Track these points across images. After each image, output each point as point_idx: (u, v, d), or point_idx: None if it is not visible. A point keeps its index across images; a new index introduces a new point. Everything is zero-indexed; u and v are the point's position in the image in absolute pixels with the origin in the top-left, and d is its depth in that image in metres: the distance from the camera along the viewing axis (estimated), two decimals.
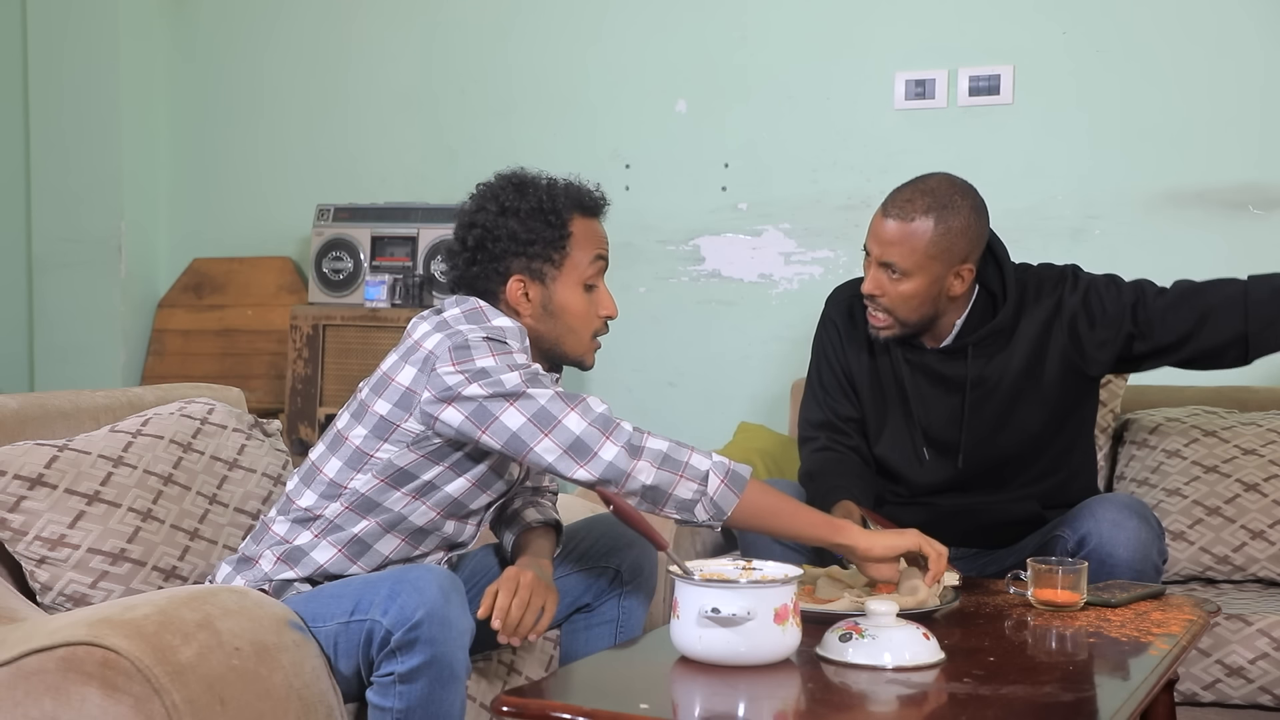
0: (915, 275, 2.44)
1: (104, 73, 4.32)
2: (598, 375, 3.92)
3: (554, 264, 2.12)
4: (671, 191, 3.85)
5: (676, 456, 1.97)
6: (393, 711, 1.88)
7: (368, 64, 4.22)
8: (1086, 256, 3.38)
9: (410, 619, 1.84)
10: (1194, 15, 3.35)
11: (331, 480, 2.09)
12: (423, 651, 1.85)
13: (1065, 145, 3.47)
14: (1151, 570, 2.35)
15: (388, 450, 2.05)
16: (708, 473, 1.97)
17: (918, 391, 2.56)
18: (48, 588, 2.07)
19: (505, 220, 2.12)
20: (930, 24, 3.59)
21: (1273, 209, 3.30)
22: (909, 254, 2.43)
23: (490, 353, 2.00)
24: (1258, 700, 2.55)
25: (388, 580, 1.91)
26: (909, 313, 2.48)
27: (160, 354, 4.32)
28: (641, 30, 3.88)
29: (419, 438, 2.04)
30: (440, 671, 1.86)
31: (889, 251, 2.43)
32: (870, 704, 1.71)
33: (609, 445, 1.95)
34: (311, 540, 2.09)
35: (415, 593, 1.85)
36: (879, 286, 2.46)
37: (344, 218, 4.01)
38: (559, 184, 2.17)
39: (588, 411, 1.97)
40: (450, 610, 1.87)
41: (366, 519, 2.08)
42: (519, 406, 1.96)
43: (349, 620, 1.91)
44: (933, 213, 2.42)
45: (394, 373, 2.06)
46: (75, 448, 2.17)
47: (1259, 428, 2.97)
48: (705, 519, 1.99)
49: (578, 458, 1.95)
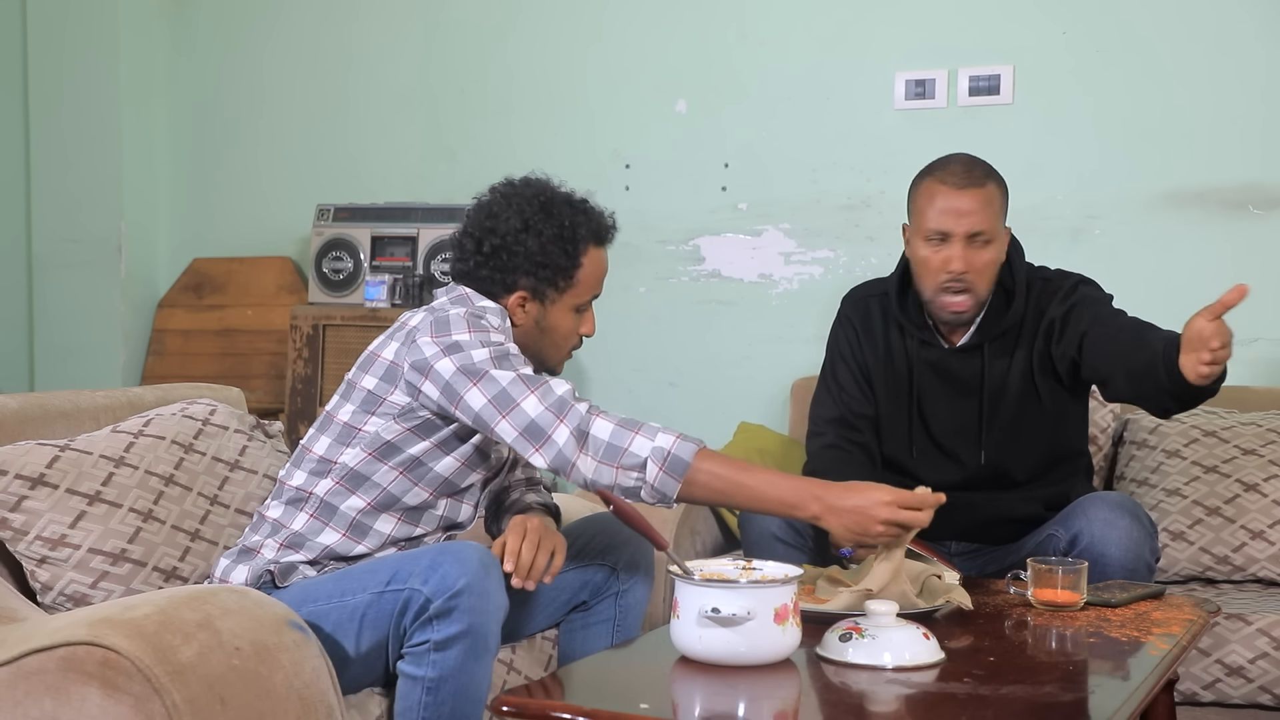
0: (996, 239, 2.48)
1: (104, 73, 4.32)
2: (598, 375, 3.93)
3: (558, 289, 2.19)
4: (671, 191, 3.85)
5: (617, 443, 1.98)
6: (425, 680, 1.90)
7: (368, 64, 4.22)
8: (1087, 256, 3.39)
9: (452, 587, 1.87)
10: (1194, 15, 3.35)
11: (321, 457, 2.14)
12: (460, 620, 1.88)
13: (1065, 145, 3.47)
14: (1144, 569, 2.35)
15: (375, 423, 2.10)
16: (645, 461, 1.97)
17: (932, 391, 2.57)
18: (48, 588, 2.07)
19: (525, 239, 2.16)
20: (930, 24, 3.59)
21: (1273, 209, 3.30)
22: (992, 217, 2.46)
23: (468, 328, 2.06)
24: (1258, 700, 2.55)
25: (429, 552, 1.95)
26: (989, 282, 2.50)
27: (160, 354, 4.32)
28: (641, 30, 3.88)
29: (405, 410, 2.09)
30: (475, 642, 1.89)
31: (975, 220, 2.45)
32: (870, 704, 1.71)
33: (561, 428, 1.98)
34: (309, 522, 2.12)
35: (458, 563, 1.89)
36: (969, 263, 2.46)
37: (344, 218, 4.01)
38: (580, 209, 2.21)
39: (547, 394, 2.01)
40: (489, 583, 1.91)
41: (356, 494, 2.11)
42: (481, 387, 2.01)
43: (384, 590, 1.94)
44: (991, 176, 2.50)
45: (380, 349, 2.13)
46: (77, 448, 2.17)
47: (1259, 428, 2.97)
48: (652, 503, 2.01)
49: (533, 441, 1.99)
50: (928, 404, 2.58)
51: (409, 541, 2.17)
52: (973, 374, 2.55)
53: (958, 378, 2.56)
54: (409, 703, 1.93)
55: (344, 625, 1.96)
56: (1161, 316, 3.33)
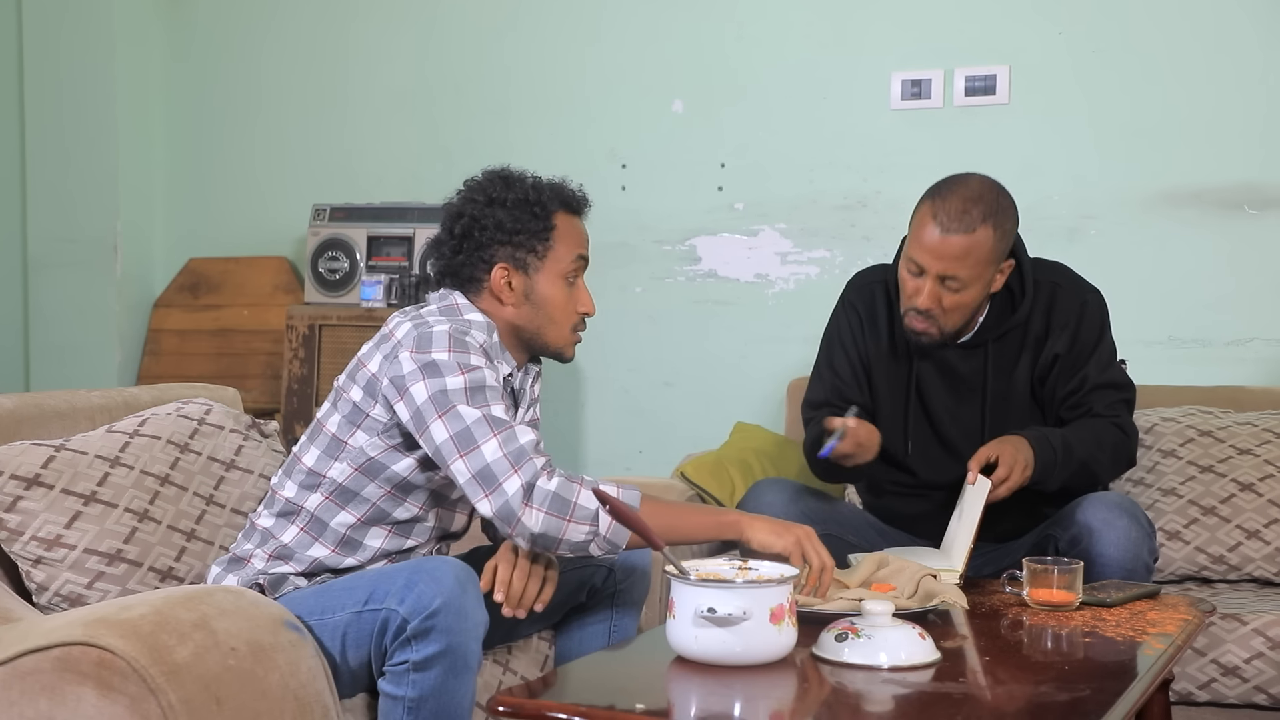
0: (974, 284, 2.41)
1: (100, 72, 4.32)
2: (594, 375, 3.93)
3: (538, 254, 2.15)
4: (668, 191, 3.85)
5: (565, 495, 1.94)
6: (405, 700, 1.89)
7: (364, 64, 4.21)
8: (1083, 256, 3.38)
9: (427, 608, 1.86)
10: (1191, 15, 3.35)
11: (310, 469, 2.12)
12: (438, 640, 1.86)
13: (1061, 145, 3.47)
14: (1142, 569, 2.35)
15: (360, 438, 2.08)
16: (597, 511, 1.95)
17: (933, 386, 2.56)
18: (44, 588, 2.07)
19: (493, 210, 2.15)
20: (926, 24, 3.59)
21: (1268, 209, 3.30)
22: (973, 265, 2.39)
23: (449, 347, 2.03)
24: (1253, 700, 2.55)
25: (404, 570, 1.93)
26: (959, 320, 2.46)
27: (156, 354, 4.32)
28: (638, 30, 3.88)
29: (387, 426, 2.07)
30: (454, 661, 1.88)
31: (952, 266, 2.39)
32: (866, 704, 1.71)
33: (514, 479, 1.94)
34: (299, 535, 2.11)
35: (433, 582, 1.87)
36: (936, 301, 2.42)
37: (340, 218, 4.01)
38: (544, 180, 2.21)
39: (509, 441, 1.96)
40: (466, 601, 1.88)
41: (346, 510, 2.10)
42: (447, 420, 1.97)
43: (362, 609, 1.92)
44: (990, 219, 2.39)
45: (367, 358, 2.11)
46: (72, 448, 2.17)
47: (1254, 427, 2.97)
48: (601, 554, 1.99)
49: (484, 486, 1.95)
50: (928, 399, 2.57)
51: (400, 554, 2.15)
52: (975, 371, 2.54)
53: (958, 374, 2.55)
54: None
55: (329, 642, 1.95)
56: (1157, 316, 3.36)
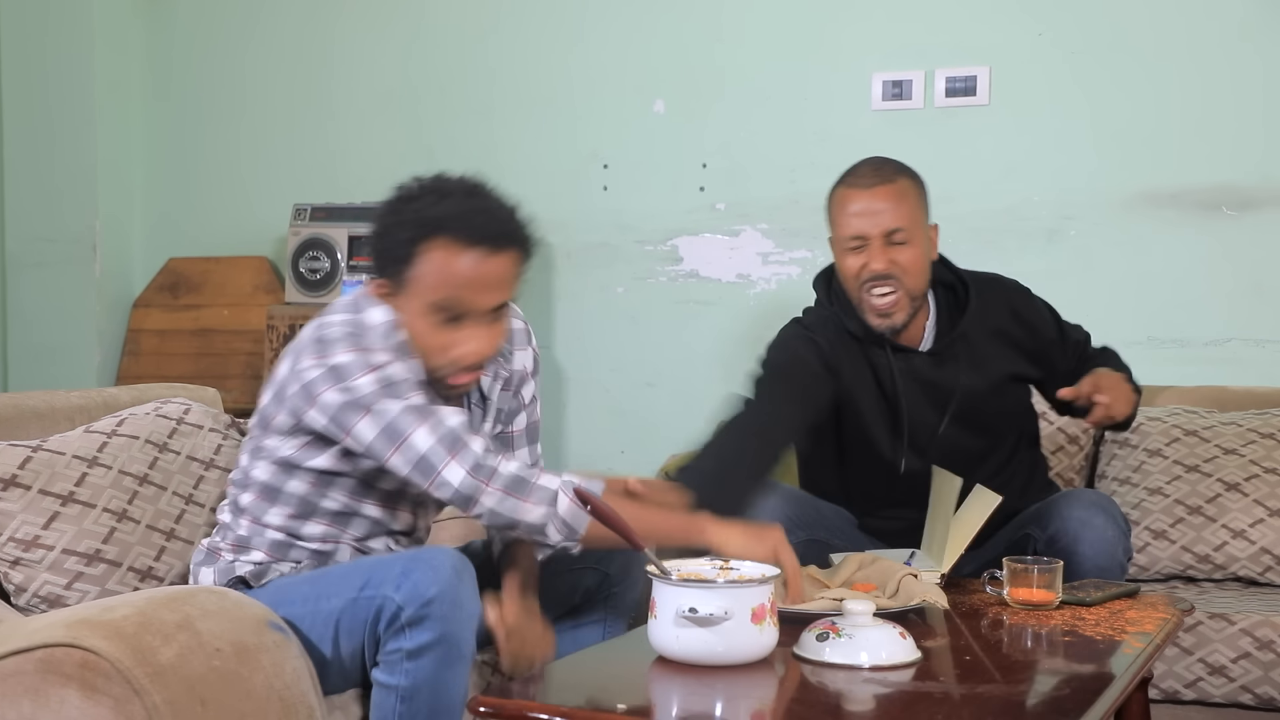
0: (915, 237, 2.44)
1: (79, 69, 4.29)
2: (576, 375, 3.93)
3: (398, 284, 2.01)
4: (649, 192, 3.85)
5: (526, 477, 1.93)
6: (398, 689, 1.88)
7: (346, 63, 4.20)
8: (1062, 257, 3.41)
9: (424, 595, 1.85)
10: (1170, 17, 3.37)
11: (241, 467, 2.13)
12: (433, 629, 1.85)
13: (1041, 146, 3.49)
14: (1116, 568, 2.36)
15: (273, 440, 2.06)
16: (556, 492, 1.94)
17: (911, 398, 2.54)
18: (22, 589, 2.06)
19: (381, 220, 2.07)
20: (907, 25, 3.59)
21: (1246, 209, 3.32)
22: (908, 212, 2.43)
23: (349, 347, 1.97)
24: (1239, 699, 2.56)
25: (401, 558, 1.92)
26: (916, 283, 2.46)
27: (136, 354, 4.30)
28: (620, 31, 3.88)
29: (293, 428, 2.03)
30: (448, 650, 1.87)
31: (889, 218, 2.41)
32: (847, 703, 1.72)
33: (454, 467, 1.92)
34: (249, 526, 2.11)
35: (430, 570, 1.86)
36: (890, 263, 2.43)
37: (321, 217, 4.00)
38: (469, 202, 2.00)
39: (438, 427, 1.93)
40: (462, 590, 1.88)
41: (275, 507, 2.09)
42: (370, 419, 1.93)
43: (358, 596, 1.91)
44: (903, 172, 2.47)
45: (280, 361, 2.07)
46: (49, 448, 2.16)
47: (1239, 427, 2.99)
48: (559, 539, 1.96)
49: (425, 476, 1.93)
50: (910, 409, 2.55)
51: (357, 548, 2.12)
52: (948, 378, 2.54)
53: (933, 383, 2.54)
54: (384, 712, 1.90)
55: (321, 630, 1.94)
56: (1135, 316, 3.38)
